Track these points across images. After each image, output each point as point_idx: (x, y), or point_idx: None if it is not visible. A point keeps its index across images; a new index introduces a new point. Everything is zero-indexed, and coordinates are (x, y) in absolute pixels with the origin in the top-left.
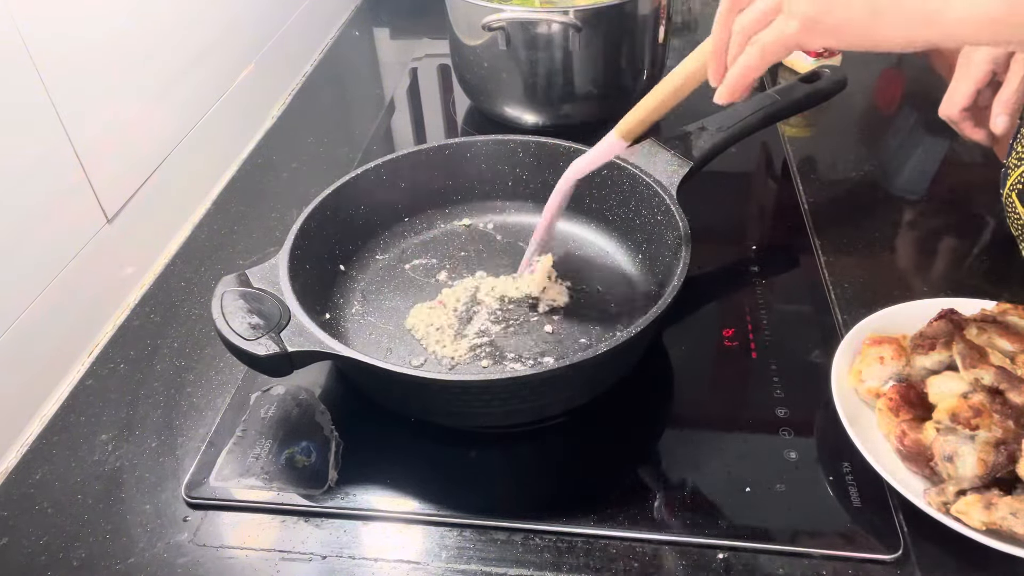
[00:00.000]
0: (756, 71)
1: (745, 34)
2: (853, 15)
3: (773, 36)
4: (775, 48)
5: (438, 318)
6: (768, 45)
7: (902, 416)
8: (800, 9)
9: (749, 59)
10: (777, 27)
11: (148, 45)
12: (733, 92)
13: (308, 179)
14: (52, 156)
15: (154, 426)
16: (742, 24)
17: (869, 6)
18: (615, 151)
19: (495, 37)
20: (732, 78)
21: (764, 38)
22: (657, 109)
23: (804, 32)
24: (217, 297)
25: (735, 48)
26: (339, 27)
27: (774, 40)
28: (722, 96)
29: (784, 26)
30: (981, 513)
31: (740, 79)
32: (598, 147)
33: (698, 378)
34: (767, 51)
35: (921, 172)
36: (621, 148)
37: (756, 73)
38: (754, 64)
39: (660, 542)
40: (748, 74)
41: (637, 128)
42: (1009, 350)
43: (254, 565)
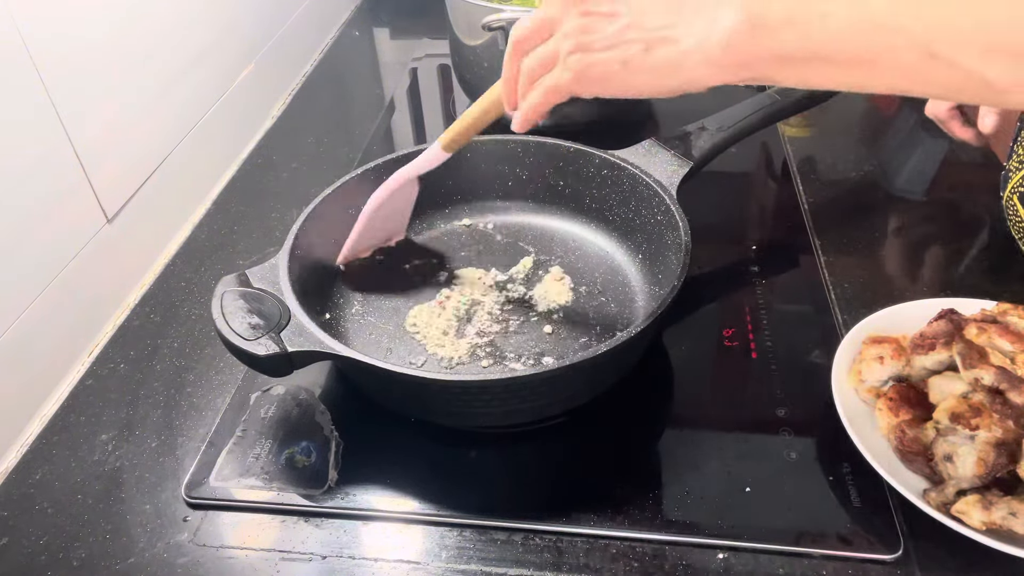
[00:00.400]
0: (543, 108)
1: (530, 77)
2: (609, 69)
3: (552, 83)
4: (555, 94)
5: (438, 318)
6: (548, 90)
7: (902, 416)
8: (569, 63)
9: (535, 99)
10: (555, 75)
11: (148, 45)
12: (526, 123)
13: (308, 179)
14: (52, 156)
15: (154, 426)
16: (528, 67)
17: (620, 60)
18: (437, 161)
19: (495, 37)
20: (522, 112)
21: (546, 83)
22: (474, 124)
23: (576, 83)
24: (217, 297)
25: (522, 87)
26: (339, 27)
27: (553, 87)
28: (516, 126)
29: (560, 76)
30: (981, 513)
31: (530, 114)
32: (423, 156)
33: (698, 378)
34: (548, 94)
35: (921, 172)
36: (443, 157)
37: (544, 110)
38: (540, 103)
39: (660, 542)
40: (536, 111)
41: (458, 139)
42: (1009, 350)
43: (254, 565)
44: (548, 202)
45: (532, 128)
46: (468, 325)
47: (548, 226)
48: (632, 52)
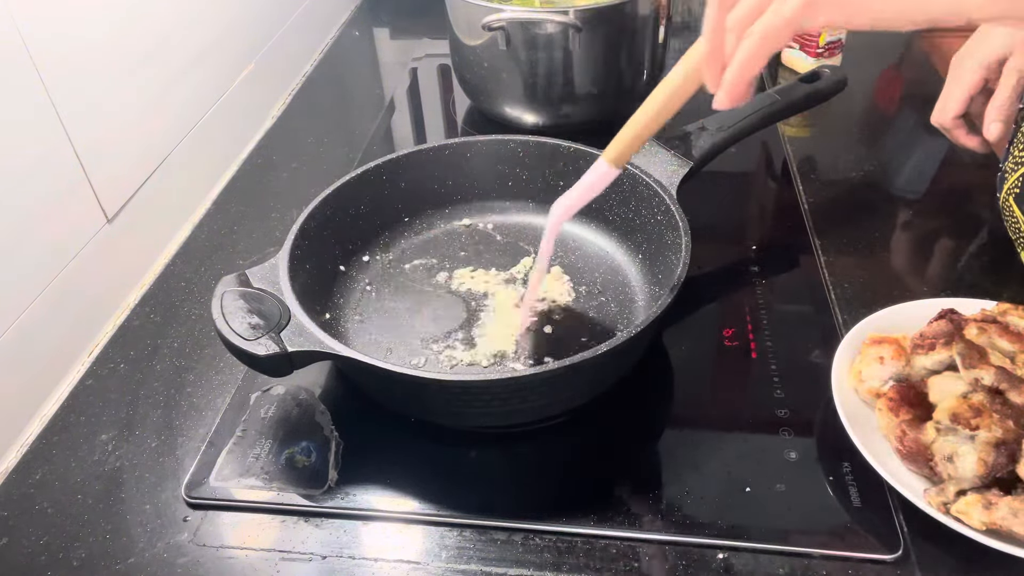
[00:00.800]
0: (758, 63)
1: (741, 27)
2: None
3: (771, 20)
4: (775, 32)
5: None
6: (768, 30)
7: (902, 416)
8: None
9: (748, 51)
10: (773, 12)
11: (148, 45)
12: (735, 93)
13: (308, 179)
14: (52, 156)
15: (154, 426)
16: (737, 17)
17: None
18: (607, 181)
19: (495, 37)
20: (732, 76)
21: (763, 22)
22: (648, 127)
23: (805, 9)
24: (217, 297)
25: (732, 46)
26: (339, 27)
27: (773, 23)
28: (722, 100)
29: (783, 6)
30: (981, 513)
31: (741, 76)
32: (587, 180)
33: (698, 378)
34: (768, 36)
35: (921, 172)
36: (613, 176)
37: (758, 66)
38: (755, 54)
39: (660, 542)
40: (749, 69)
41: (628, 151)
42: (1009, 350)
43: (254, 565)
44: (548, 202)
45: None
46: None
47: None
48: None
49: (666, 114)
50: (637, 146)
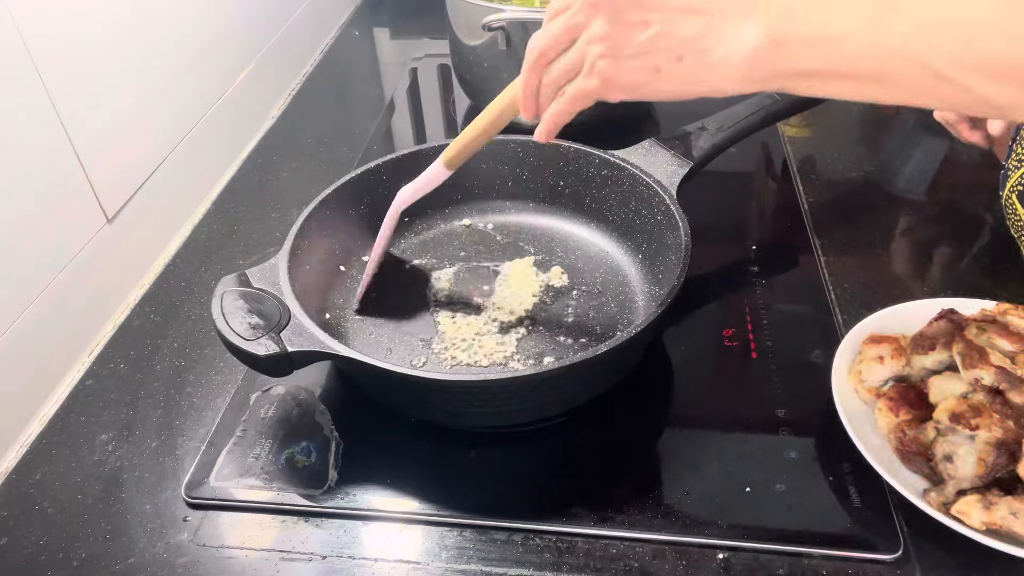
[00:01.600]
0: (568, 116)
1: (554, 85)
2: (641, 77)
3: (579, 89)
4: (582, 100)
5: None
6: (576, 97)
7: (902, 416)
8: (597, 69)
9: (560, 107)
10: (581, 82)
11: (148, 45)
12: (549, 133)
13: (308, 179)
14: (52, 156)
15: (154, 426)
16: (551, 78)
17: (653, 67)
18: (441, 179)
19: (495, 37)
20: (547, 121)
21: (571, 90)
22: (477, 139)
23: (604, 88)
24: (217, 297)
25: (545, 98)
26: (339, 27)
27: (581, 93)
28: (540, 136)
29: (586, 82)
30: (981, 513)
31: (554, 122)
32: (424, 175)
33: (698, 378)
34: (575, 100)
35: (921, 172)
36: (445, 175)
37: (568, 118)
38: (565, 110)
39: (660, 542)
40: (561, 119)
41: (460, 155)
42: (1009, 350)
43: (254, 565)
44: (548, 202)
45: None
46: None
47: (548, 226)
48: (663, 60)
49: (494, 130)
50: (469, 153)
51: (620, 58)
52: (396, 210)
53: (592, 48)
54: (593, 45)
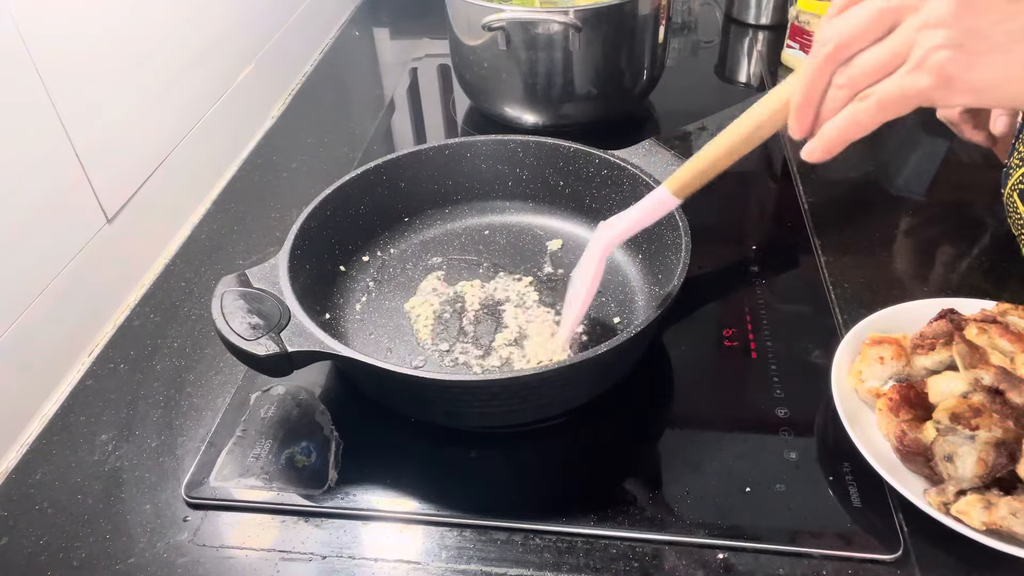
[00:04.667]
0: (867, 129)
1: (855, 88)
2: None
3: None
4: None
5: (438, 315)
6: (888, 100)
7: (902, 416)
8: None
9: (860, 114)
10: (901, 80)
11: (148, 45)
12: (830, 149)
13: (308, 179)
14: (52, 156)
15: (154, 426)
16: (852, 76)
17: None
18: (666, 210)
19: (495, 37)
20: (833, 133)
21: (884, 90)
22: (717, 164)
23: (938, 89)
24: (217, 297)
25: (833, 103)
26: (339, 27)
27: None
28: (815, 152)
29: (912, 80)
30: (981, 513)
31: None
32: (644, 205)
33: (698, 378)
34: (886, 106)
35: (921, 172)
36: (673, 206)
37: (866, 131)
38: (867, 120)
39: (660, 542)
40: (855, 132)
41: (693, 183)
42: (1009, 350)
43: (254, 565)
44: (549, 202)
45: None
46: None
47: (548, 226)
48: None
49: (742, 151)
50: (703, 181)
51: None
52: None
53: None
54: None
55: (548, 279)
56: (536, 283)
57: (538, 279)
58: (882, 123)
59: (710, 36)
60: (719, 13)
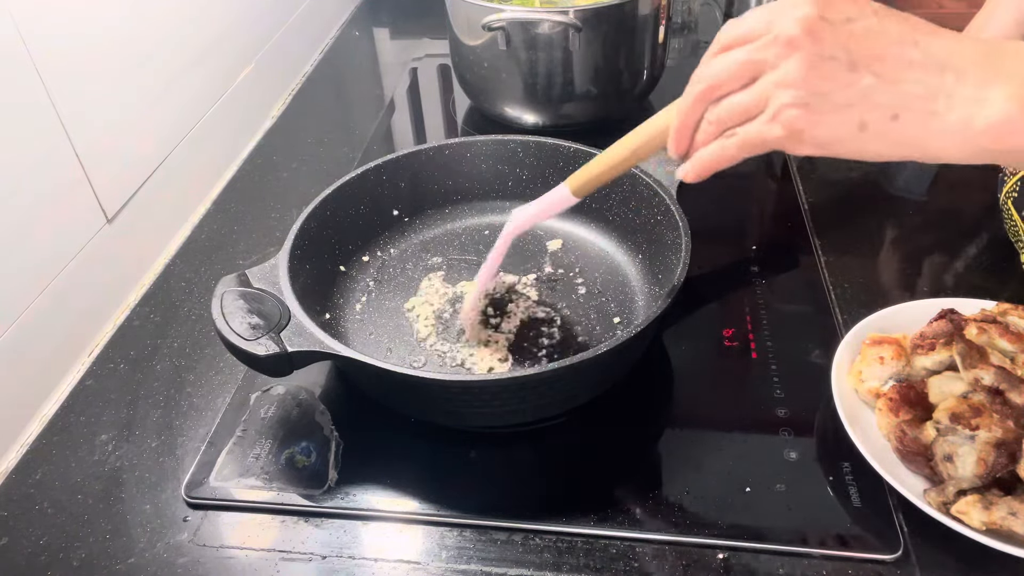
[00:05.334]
0: (731, 161)
1: (721, 126)
2: (841, 133)
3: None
4: (754, 147)
5: (438, 315)
6: (748, 143)
7: (902, 416)
8: (785, 118)
9: (725, 151)
10: (759, 128)
11: (148, 45)
12: (701, 174)
13: (308, 179)
14: (52, 156)
15: (154, 426)
16: (719, 116)
17: (857, 123)
18: (565, 205)
19: (495, 37)
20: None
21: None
22: (614, 169)
23: (787, 140)
24: (217, 297)
25: (705, 136)
26: (339, 27)
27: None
28: (689, 175)
29: (768, 129)
30: (981, 513)
31: (711, 165)
32: (547, 199)
33: (698, 378)
34: (746, 146)
35: (921, 172)
36: (571, 203)
37: (730, 163)
38: (730, 155)
39: (660, 542)
40: (722, 162)
41: (590, 185)
42: (1009, 350)
43: (254, 565)
44: None
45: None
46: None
47: (548, 226)
48: (874, 117)
49: (634, 161)
50: (600, 183)
51: (816, 110)
52: (511, 234)
53: (781, 93)
54: (782, 90)
55: (548, 279)
56: (536, 283)
57: (538, 279)
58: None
59: (710, 36)
60: (719, 13)
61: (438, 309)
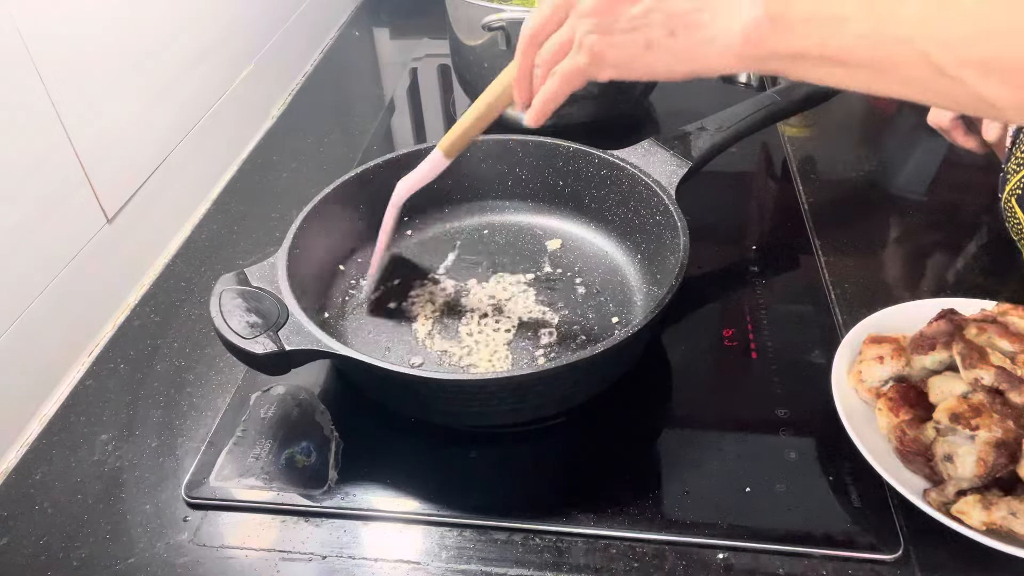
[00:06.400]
0: (559, 98)
1: (546, 66)
2: (631, 52)
3: (570, 67)
4: (573, 79)
5: (437, 315)
6: (566, 76)
7: (902, 416)
8: (587, 45)
9: (551, 88)
10: (572, 59)
11: (148, 45)
12: (541, 116)
13: (308, 179)
14: (52, 156)
15: (154, 426)
16: (543, 58)
17: (643, 43)
18: (440, 167)
19: (495, 37)
20: (539, 104)
21: (562, 68)
22: (474, 126)
23: (593, 65)
24: (215, 296)
25: (538, 79)
26: (339, 27)
27: (570, 71)
28: (530, 120)
29: (577, 59)
30: (981, 513)
31: (546, 105)
32: (424, 165)
33: (698, 378)
34: (565, 80)
35: (921, 172)
36: (445, 164)
37: (560, 100)
38: (556, 92)
39: (660, 542)
40: (553, 101)
41: (458, 143)
42: (1009, 350)
43: (254, 565)
44: (548, 202)
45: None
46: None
47: (548, 226)
48: (656, 35)
49: (489, 118)
50: (466, 141)
51: (609, 33)
52: (396, 203)
53: (581, 23)
54: (582, 20)
55: (547, 279)
56: (535, 283)
57: (537, 279)
58: (571, 92)
59: None
60: None
61: (437, 309)
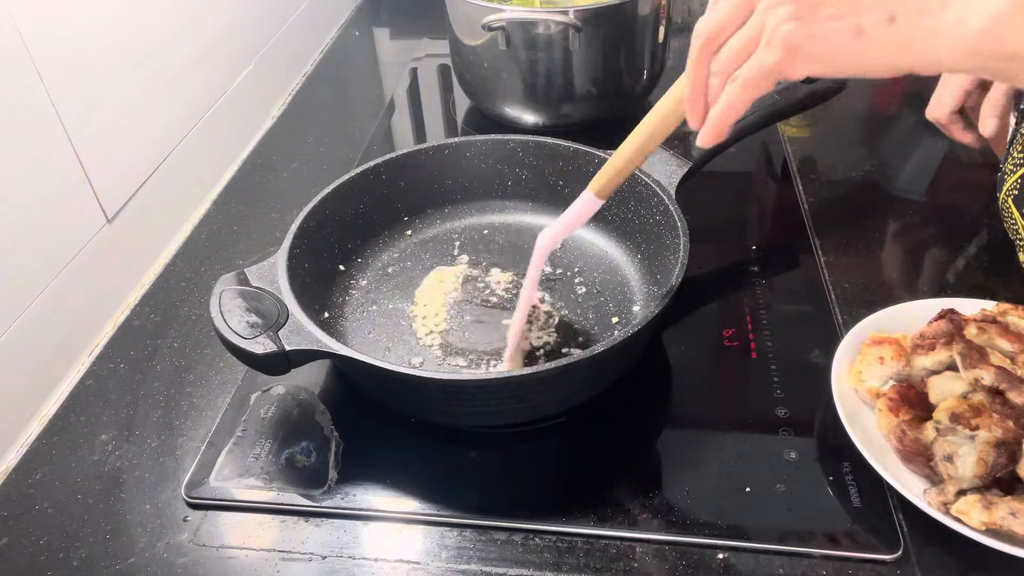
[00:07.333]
0: (740, 109)
1: (725, 73)
2: (838, 41)
3: (755, 69)
4: (758, 81)
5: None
6: (750, 79)
7: (902, 416)
8: (780, 37)
9: (731, 97)
10: (758, 59)
11: (148, 45)
12: (717, 133)
13: (308, 179)
14: (52, 156)
15: (154, 426)
16: (721, 64)
17: (854, 29)
18: (592, 211)
19: (495, 37)
20: (715, 118)
21: (745, 72)
22: (631, 161)
23: (788, 61)
24: (215, 295)
25: (715, 89)
26: (339, 27)
27: (756, 73)
28: (705, 138)
29: (765, 56)
30: (981, 513)
31: (723, 119)
32: (574, 210)
33: (698, 378)
34: (750, 85)
35: (921, 172)
36: (597, 207)
37: (740, 111)
38: (738, 100)
39: (660, 542)
40: (731, 113)
41: (613, 182)
42: (1009, 350)
43: (254, 565)
44: (548, 202)
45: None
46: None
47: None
48: (871, 20)
49: (650, 148)
50: (622, 179)
51: (812, 20)
52: (541, 254)
53: (775, 11)
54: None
55: (548, 279)
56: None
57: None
58: (752, 101)
59: None
60: None
61: (437, 308)
